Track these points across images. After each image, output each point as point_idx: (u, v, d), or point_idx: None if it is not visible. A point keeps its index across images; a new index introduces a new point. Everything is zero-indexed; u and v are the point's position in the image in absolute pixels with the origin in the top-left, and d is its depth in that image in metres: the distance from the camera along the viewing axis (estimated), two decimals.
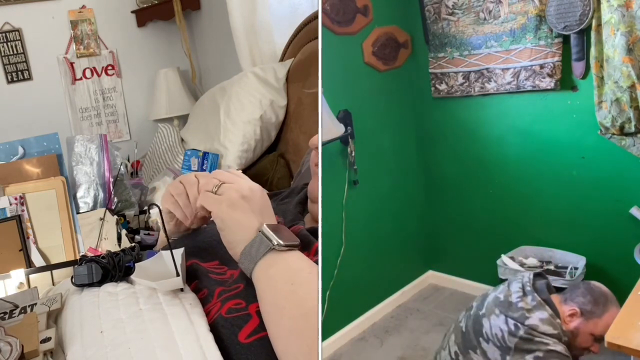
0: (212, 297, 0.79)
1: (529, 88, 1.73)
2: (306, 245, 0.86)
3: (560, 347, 1.17)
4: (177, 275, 0.79)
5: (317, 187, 0.97)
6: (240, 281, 0.80)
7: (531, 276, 1.32)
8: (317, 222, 0.99)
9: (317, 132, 1.06)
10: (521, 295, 1.26)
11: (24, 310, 0.84)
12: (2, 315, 0.84)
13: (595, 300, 1.24)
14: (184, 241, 0.94)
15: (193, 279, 0.86)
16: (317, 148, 0.95)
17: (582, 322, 1.24)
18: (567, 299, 1.27)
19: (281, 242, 0.75)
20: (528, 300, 1.24)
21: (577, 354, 1.28)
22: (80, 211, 1.79)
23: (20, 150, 1.73)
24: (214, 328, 0.72)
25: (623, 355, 1.15)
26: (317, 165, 0.99)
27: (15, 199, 1.57)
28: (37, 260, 1.50)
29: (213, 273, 0.87)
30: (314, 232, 0.89)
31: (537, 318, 1.21)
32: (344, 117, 1.83)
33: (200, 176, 0.89)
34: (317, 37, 2.09)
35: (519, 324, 1.22)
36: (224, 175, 0.83)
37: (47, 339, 0.74)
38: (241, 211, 0.78)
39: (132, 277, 0.82)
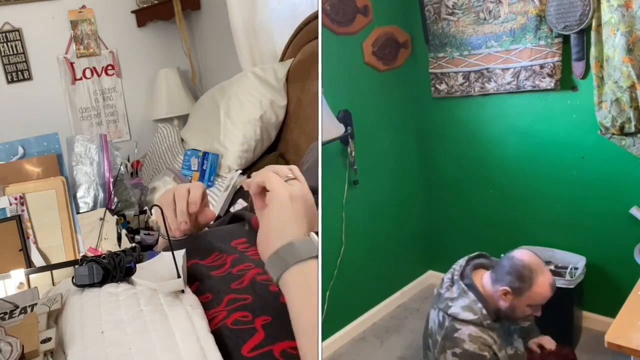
0: (218, 303, 0.79)
1: (529, 88, 1.73)
2: None
3: (474, 347, 1.21)
4: (179, 277, 0.78)
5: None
6: (249, 292, 0.79)
7: (463, 262, 1.35)
8: None
9: (317, 132, 1.06)
10: (449, 286, 1.31)
11: (24, 310, 0.84)
12: (3, 315, 0.84)
13: (520, 275, 1.24)
14: (184, 244, 0.94)
15: (194, 280, 0.86)
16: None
17: (515, 299, 1.25)
18: (497, 279, 1.28)
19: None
20: (454, 290, 1.29)
21: (522, 322, 1.33)
22: (80, 211, 1.79)
23: (20, 150, 1.73)
24: (218, 336, 0.72)
25: (623, 355, 1.16)
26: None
27: (15, 199, 1.57)
28: (37, 260, 1.50)
29: (214, 269, 0.87)
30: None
31: (459, 306, 1.25)
32: (344, 117, 1.83)
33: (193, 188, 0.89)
34: (317, 37, 2.08)
35: (445, 315, 1.27)
36: (297, 172, 0.79)
37: (48, 339, 0.74)
38: (296, 210, 0.73)
39: (133, 277, 0.82)
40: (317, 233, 0.84)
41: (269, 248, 0.71)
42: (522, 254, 1.29)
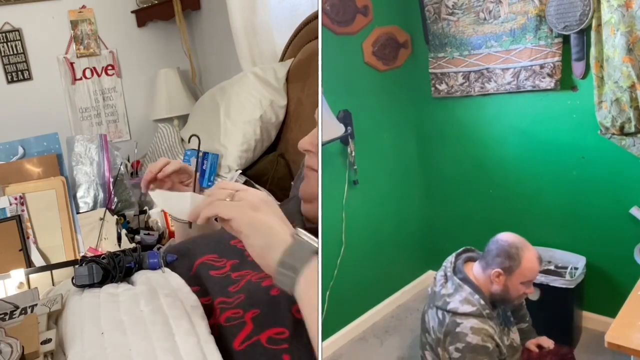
0: (213, 306, 0.80)
1: (529, 88, 1.73)
2: None
3: (477, 339, 1.23)
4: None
5: (310, 188, 0.98)
6: (243, 292, 0.80)
7: (452, 259, 1.39)
8: (310, 222, 1.01)
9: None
10: (443, 282, 1.34)
11: (24, 311, 0.84)
12: (3, 316, 0.84)
13: (508, 254, 1.29)
14: (188, 244, 0.95)
15: (197, 284, 0.86)
16: (306, 150, 0.92)
17: (507, 279, 1.29)
18: (487, 264, 1.32)
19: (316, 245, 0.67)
20: (448, 286, 1.32)
21: (517, 302, 1.38)
22: (80, 211, 1.79)
23: (20, 150, 1.73)
24: (213, 335, 0.73)
25: (623, 355, 1.16)
26: (310, 168, 0.97)
27: (15, 199, 1.57)
28: (37, 260, 1.51)
29: (213, 268, 0.87)
30: (312, 231, 0.89)
31: (457, 300, 1.28)
32: (344, 117, 1.83)
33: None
34: (317, 37, 2.08)
35: (444, 312, 1.29)
36: (234, 185, 0.77)
37: (48, 340, 0.74)
38: (266, 214, 0.71)
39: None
40: (302, 227, 0.83)
41: (269, 265, 0.69)
42: (506, 236, 1.34)
